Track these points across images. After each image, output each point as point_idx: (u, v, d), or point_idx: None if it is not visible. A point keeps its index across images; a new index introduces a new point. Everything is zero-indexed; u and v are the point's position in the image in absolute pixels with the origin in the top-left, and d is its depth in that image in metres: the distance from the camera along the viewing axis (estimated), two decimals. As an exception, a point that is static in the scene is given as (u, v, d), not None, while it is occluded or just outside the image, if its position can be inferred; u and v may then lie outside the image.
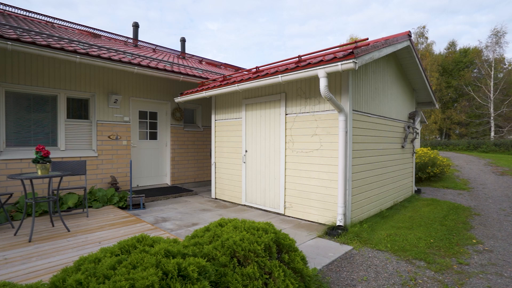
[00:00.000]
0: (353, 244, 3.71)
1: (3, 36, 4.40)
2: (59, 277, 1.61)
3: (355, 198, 4.51)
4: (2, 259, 3.03)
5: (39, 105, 5.58)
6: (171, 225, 4.48)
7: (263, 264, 2.12)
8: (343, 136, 4.17)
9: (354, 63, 3.53)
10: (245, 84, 4.94)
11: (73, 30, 8.52)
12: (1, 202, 4.11)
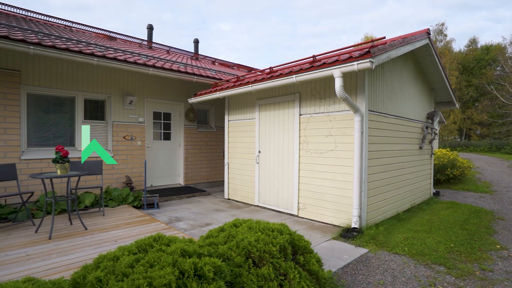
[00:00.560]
0: (368, 247, 3.63)
1: (26, 40, 4.56)
2: (79, 274, 1.64)
3: (371, 200, 4.42)
4: (25, 255, 3.12)
5: (58, 107, 5.75)
6: (184, 225, 4.51)
7: (278, 265, 2.09)
8: (359, 137, 4.09)
9: (370, 62, 3.46)
10: (259, 84, 4.94)
11: (90, 33, 8.75)
12: (23, 201, 4.25)
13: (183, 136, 7.54)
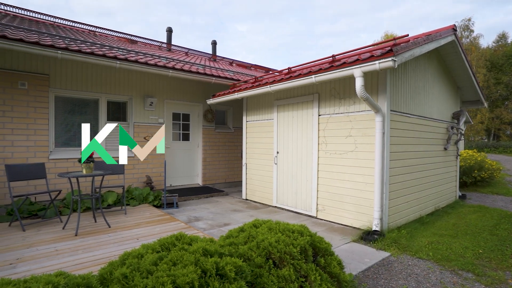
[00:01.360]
0: (390, 251, 3.53)
1: (54, 45, 4.78)
2: (106, 270, 1.70)
3: (393, 202, 4.29)
4: (54, 250, 3.27)
5: (82, 108, 5.99)
6: (203, 224, 4.56)
7: (299, 267, 2.07)
8: (380, 138, 3.99)
9: (393, 61, 3.36)
10: (277, 85, 4.92)
11: (112, 37, 9.05)
12: (52, 198, 4.45)
13: (202, 136, 7.64)
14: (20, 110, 5.10)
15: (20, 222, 4.05)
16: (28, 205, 4.81)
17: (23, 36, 4.70)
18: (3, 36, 4.28)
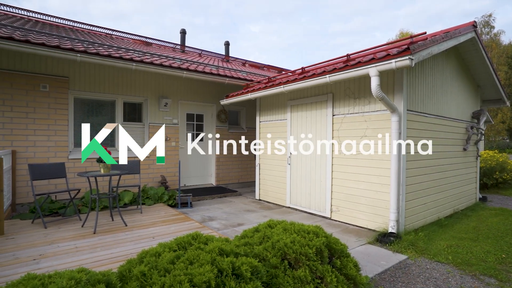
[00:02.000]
0: (408, 253, 3.45)
1: (73, 49, 4.94)
2: (125, 267, 1.74)
3: (409, 204, 4.20)
4: (74, 248, 3.37)
5: (100, 109, 6.15)
6: (217, 224, 4.60)
7: (314, 268, 2.06)
8: (397, 138, 3.91)
9: (410, 60, 3.29)
10: (291, 85, 4.91)
11: (128, 40, 9.26)
12: (71, 197, 4.60)
13: (215, 137, 7.69)
14: (41, 112, 5.29)
15: (42, 219, 4.21)
16: (49, 203, 4.99)
17: (45, 40, 4.88)
18: (26, 41, 4.46)
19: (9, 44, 4.34)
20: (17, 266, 2.86)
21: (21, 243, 3.49)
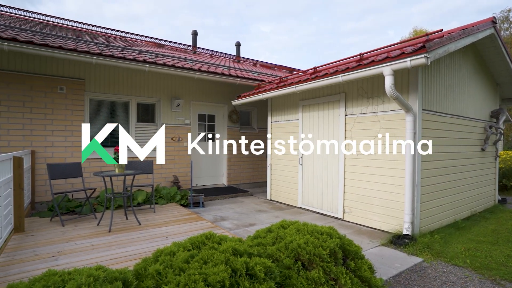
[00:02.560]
0: (423, 256, 3.37)
1: (89, 52, 5.06)
2: (141, 266, 1.77)
3: (425, 205, 4.10)
4: (90, 245, 3.46)
5: (114, 110, 6.28)
6: (229, 224, 4.62)
7: (328, 270, 2.04)
8: (411, 138, 3.83)
9: (425, 58, 3.22)
10: (303, 85, 4.88)
11: (141, 42, 9.42)
12: (87, 196, 4.71)
13: (227, 137, 7.74)
14: (59, 113, 5.45)
15: (60, 217, 4.33)
16: (66, 202, 5.13)
17: (62, 43, 5.02)
18: (45, 45, 4.60)
19: (29, 48, 4.49)
20: (37, 262, 2.96)
21: (40, 240, 3.61)
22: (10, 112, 5.03)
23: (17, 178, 3.76)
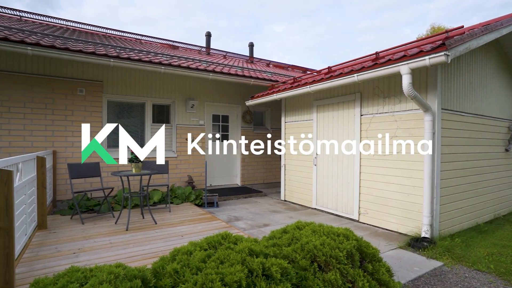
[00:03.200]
0: (443, 260, 3.27)
1: (107, 54, 5.20)
2: (159, 264, 1.80)
3: (444, 207, 3.98)
4: (109, 243, 3.55)
5: (130, 112, 6.43)
6: (243, 224, 4.63)
7: (345, 272, 2.01)
8: (430, 138, 3.73)
9: (445, 56, 3.12)
10: (317, 85, 4.84)
11: (156, 44, 9.60)
12: (105, 195, 4.84)
13: (240, 137, 7.76)
14: (78, 114, 5.62)
15: (80, 216, 4.47)
16: (86, 201, 5.28)
17: (82, 47, 5.18)
18: (66, 49, 4.76)
19: (51, 52, 4.66)
20: (60, 259, 3.06)
21: (62, 237, 3.73)
22: (34, 114, 5.23)
23: (40, 177, 3.91)
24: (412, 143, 4.03)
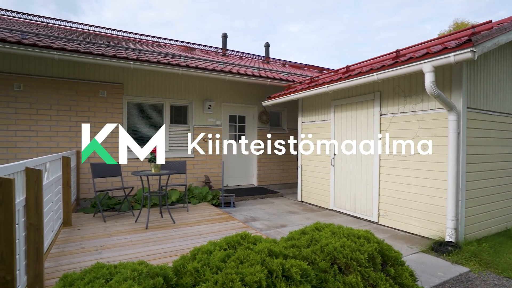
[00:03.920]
0: (470, 266, 3.13)
1: (128, 57, 5.34)
2: (179, 263, 1.82)
3: (470, 211, 3.82)
4: (129, 241, 3.65)
5: (149, 113, 6.58)
6: (260, 224, 4.63)
7: (367, 275, 1.96)
8: (455, 138, 3.59)
9: (472, 52, 2.99)
10: (335, 84, 4.77)
11: (174, 46, 9.78)
12: (126, 194, 4.97)
13: (256, 138, 7.78)
14: (100, 116, 5.81)
15: (102, 214, 4.61)
16: (107, 199, 5.45)
17: (104, 51, 5.35)
18: (89, 52, 4.94)
19: (76, 56, 4.85)
20: (84, 255, 3.17)
21: (85, 234, 3.87)
22: (59, 115, 5.45)
23: (65, 176, 4.07)
24: (435, 144, 3.90)
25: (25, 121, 5.20)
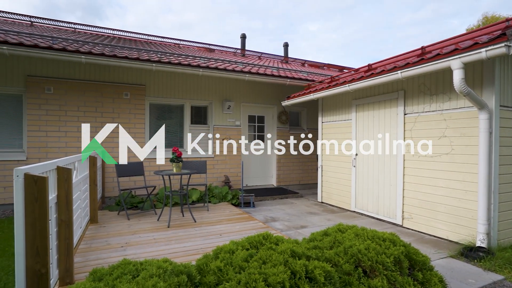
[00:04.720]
0: (504, 274, 2.96)
1: (150, 60, 5.49)
2: (202, 262, 1.84)
3: (504, 215, 3.60)
4: (152, 239, 3.74)
5: (170, 113, 6.71)
6: (280, 225, 4.60)
7: (393, 279, 1.90)
8: (486, 138, 3.40)
9: (506, 47, 2.83)
10: (357, 83, 4.67)
11: (193, 48, 9.94)
12: (148, 193, 5.10)
13: (276, 138, 7.75)
14: (124, 117, 6.01)
15: (126, 212, 4.76)
16: (130, 198, 5.62)
17: (127, 54, 5.53)
18: (113, 56, 5.12)
19: (101, 60, 5.04)
20: (110, 251, 3.29)
21: (110, 232, 4.01)
22: (86, 117, 5.69)
23: (92, 175, 4.24)
24: (464, 144, 3.72)
25: (55, 122, 5.47)
